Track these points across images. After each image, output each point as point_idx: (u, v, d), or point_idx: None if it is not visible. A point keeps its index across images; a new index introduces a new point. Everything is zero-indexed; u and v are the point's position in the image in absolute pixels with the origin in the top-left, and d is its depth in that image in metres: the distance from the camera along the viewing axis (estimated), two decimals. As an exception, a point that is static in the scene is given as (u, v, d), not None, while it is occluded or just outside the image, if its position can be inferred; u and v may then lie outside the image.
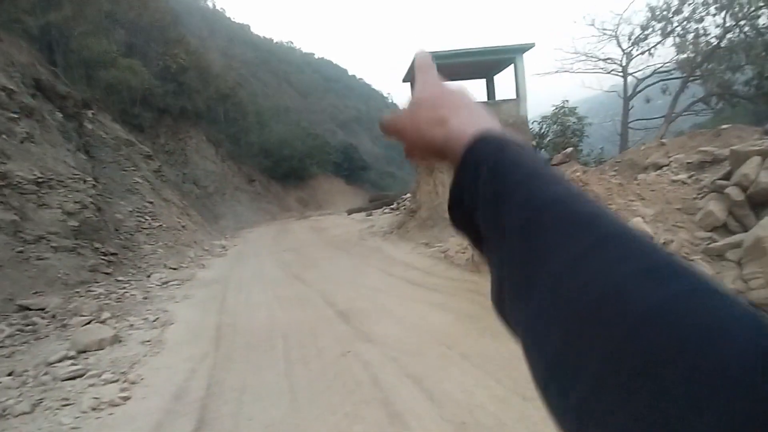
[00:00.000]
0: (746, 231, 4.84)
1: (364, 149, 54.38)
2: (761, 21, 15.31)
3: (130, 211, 11.89)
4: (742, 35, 15.88)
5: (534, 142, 18.59)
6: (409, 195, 17.70)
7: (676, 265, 0.24)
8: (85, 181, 9.49)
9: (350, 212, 22.70)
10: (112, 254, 9.03)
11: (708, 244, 5.12)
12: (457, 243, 8.64)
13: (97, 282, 7.70)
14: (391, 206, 20.29)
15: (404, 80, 18.55)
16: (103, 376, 4.17)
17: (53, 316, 5.89)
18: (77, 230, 8.25)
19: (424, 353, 4.17)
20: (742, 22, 15.60)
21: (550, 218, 0.31)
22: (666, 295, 0.22)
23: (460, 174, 0.40)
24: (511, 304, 0.32)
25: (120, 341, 5.22)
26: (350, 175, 43.27)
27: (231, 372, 4.16)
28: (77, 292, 6.95)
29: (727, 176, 5.84)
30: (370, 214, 20.09)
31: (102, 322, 5.80)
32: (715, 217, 5.38)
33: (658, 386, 0.20)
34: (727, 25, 15.93)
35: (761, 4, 14.85)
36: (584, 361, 0.23)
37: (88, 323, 5.67)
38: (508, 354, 3.93)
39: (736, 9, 15.55)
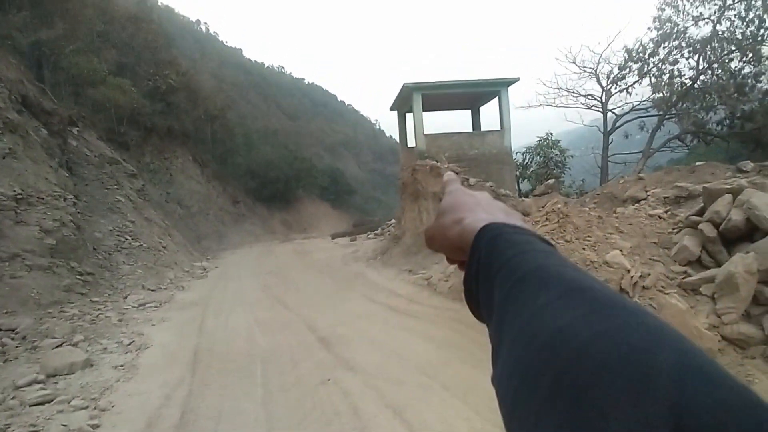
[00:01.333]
0: (719, 266, 5.00)
1: (350, 174, 54.71)
2: (733, 64, 16.14)
3: (110, 230, 11.68)
4: (714, 77, 16.69)
5: (517, 173, 18.99)
6: (393, 221, 17.80)
7: (620, 306, 0.28)
8: (65, 199, 9.34)
9: (334, 236, 22.63)
10: (89, 274, 8.81)
11: (683, 278, 5.26)
12: (440, 271, 8.68)
13: (72, 302, 7.48)
14: (376, 231, 20.33)
15: (391, 108, 18.93)
16: (73, 402, 4.03)
17: (24, 338, 5.69)
18: (54, 248, 8.06)
19: (405, 382, 4.14)
20: (714, 65, 16.42)
21: (528, 283, 0.34)
22: (602, 328, 0.26)
23: (468, 264, 0.44)
24: (493, 365, 0.35)
25: (92, 365, 5.05)
26: (336, 199, 43.29)
27: (207, 399, 4.06)
28: (50, 312, 6.74)
29: (700, 212, 6.05)
30: (354, 239, 20.07)
31: (74, 344, 5.62)
32: (690, 252, 5.53)
33: (590, 401, 0.23)
34: (701, 67, 16.76)
35: (733, 48, 15.71)
36: (534, 397, 0.27)
37: (60, 346, 5.49)
38: (488, 385, 3.91)
39: (709, 53, 16.40)
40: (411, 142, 17.02)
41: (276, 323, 6.74)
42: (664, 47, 17.39)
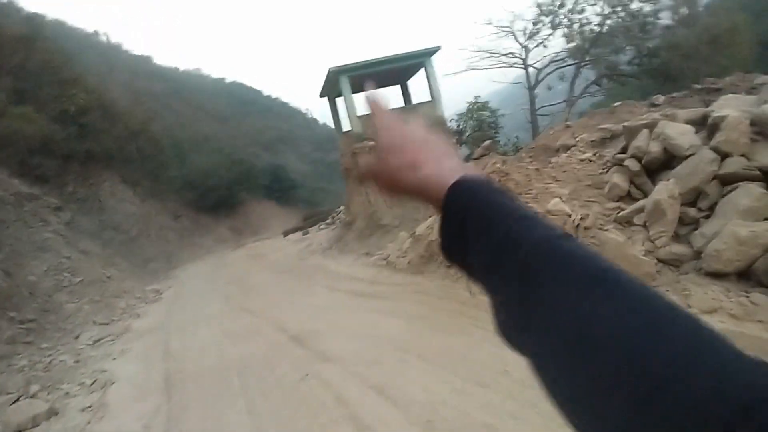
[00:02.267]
0: (646, 197, 5.44)
1: (292, 168, 53.59)
2: (634, 5, 17.23)
3: (45, 271, 10.84)
4: (619, 20, 17.75)
5: (455, 139, 19.43)
6: (342, 208, 17.76)
7: (674, 313, 0.29)
8: (-14, 247, 8.55)
9: (286, 234, 22.30)
10: (31, 321, 8.19)
11: (617, 213, 5.68)
12: (396, 248, 8.83)
13: (19, 354, 6.95)
14: (327, 221, 20.22)
15: (321, 95, 18.65)
16: (44, 456, 3.81)
17: (-28, 401, 5.25)
18: (-15, 302, 7.42)
19: (382, 361, 4.25)
20: (618, 8, 17.44)
21: (543, 262, 0.35)
22: (675, 351, 0.27)
23: (447, 220, 0.45)
24: (520, 335, 0.37)
25: (57, 413, 4.78)
26: (281, 196, 42.38)
27: (189, 421, 3.97)
28: (-4, 369, 6.25)
29: (624, 150, 6.51)
30: (306, 233, 19.87)
31: (32, 396, 5.27)
32: (620, 188, 5.98)
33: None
34: (606, 12, 17.75)
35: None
36: (612, 404, 0.28)
37: (17, 401, 5.12)
38: (460, 347, 4.12)
39: (611, -2, 17.39)
40: (346, 126, 16.92)
41: (244, 331, 6.62)
42: (570, -3, 18.22)
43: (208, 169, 34.21)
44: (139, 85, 51.98)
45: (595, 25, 18.09)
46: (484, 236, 0.40)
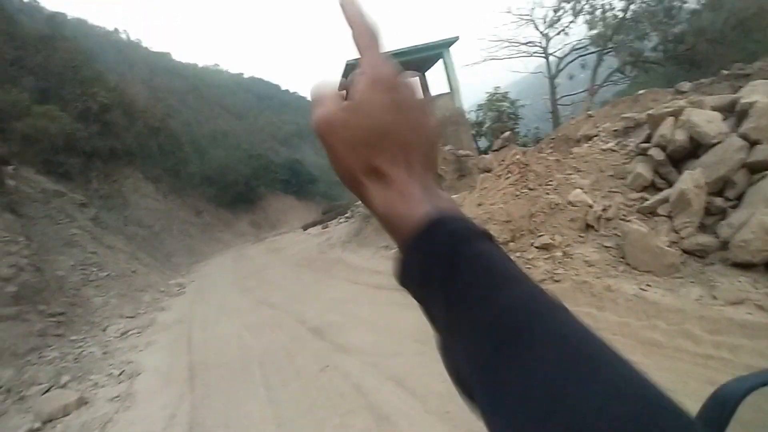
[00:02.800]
0: (671, 187, 5.30)
1: (309, 162, 53.89)
2: (659, -11, 16.71)
3: (73, 266, 11.19)
4: (643, 5, 17.23)
5: (473, 131, 19.24)
6: (361, 201, 17.78)
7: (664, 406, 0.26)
8: (17, 243, 8.86)
9: (306, 228, 22.46)
10: (61, 314, 8.47)
11: (641, 203, 5.55)
12: (415, 240, 8.81)
13: (50, 346, 7.20)
14: (346, 215, 20.29)
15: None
16: (75, 443, 3.96)
17: (8, 390, 5.47)
18: (17, 295, 7.69)
19: (401, 353, 4.26)
20: (641, -7, 16.95)
21: (519, 326, 0.30)
22: None
23: (413, 263, 0.36)
24: (480, 392, 0.31)
25: (86, 403, 4.95)
26: (299, 190, 42.75)
27: (212, 410, 4.06)
28: (29, 360, 6.48)
29: (648, 138, 6.34)
30: (326, 227, 19.98)
31: (63, 386, 5.47)
32: (644, 177, 5.83)
33: None
34: (629, -2, 17.26)
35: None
36: None
37: (48, 390, 5.33)
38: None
39: (635, -19, 16.88)
40: (364, 119, 16.89)
41: (264, 324, 6.73)
42: (593, -18, 17.77)
43: (227, 164, 34.71)
44: (158, 81, 52.94)
45: (619, 10, 17.60)
46: (453, 285, 0.34)
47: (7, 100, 16.71)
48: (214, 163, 34.59)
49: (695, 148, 5.29)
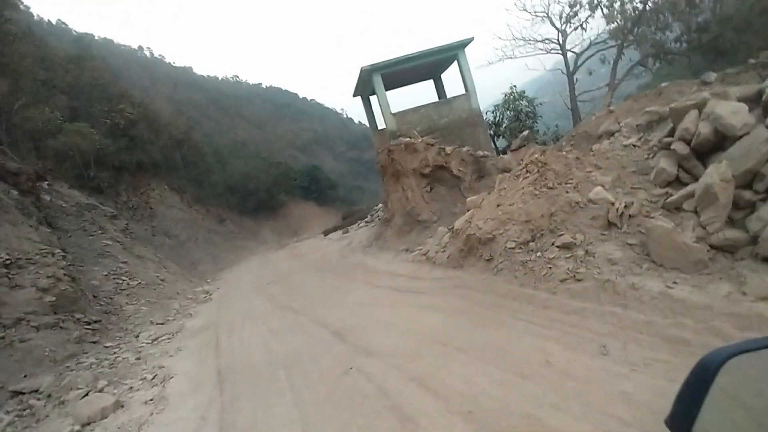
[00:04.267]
0: (697, 181, 5.17)
1: (328, 168, 54.44)
2: (679, -22, 16.23)
3: (106, 275, 11.62)
4: (664, -5, 16.80)
5: (491, 132, 19.10)
6: (380, 205, 17.88)
7: None
8: (53, 254, 9.25)
9: (326, 233, 22.68)
10: (96, 321, 8.81)
11: (666, 199, 5.44)
12: (435, 243, 8.83)
13: (86, 352, 7.50)
14: (366, 219, 20.41)
15: (354, 94, 18.84)
16: (113, 445, 4.12)
17: (49, 396, 5.74)
18: (55, 305, 8.04)
19: (423, 355, 4.29)
20: (663, -18, 16.50)
21: None
22: None
23: None
24: None
25: (122, 406, 5.14)
26: (319, 196, 43.17)
27: (240, 412, 4.18)
28: (68, 366, 6.77)
29: (671, 133, 6.20)
30: (346, 231, 20.14)
31: (100, 390, 5.69)
32: (668, 172, 5.70)
33: None
34: (649, -13, 16.85)
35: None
36: None
37: (86, 395, 5.55)
38: (501, 340, 4.10)
39: (655, -30, 16.45)
40: (381, 124, 17.01)
41: (288, 329, 6.85)
42: (609, -26, 17.41)
43: (248, 173, 35.36)
44: (180, 95, 54.43)
45: (638, 2, 17.18)
46: None
47: (41, 119, 17.50)
48: (235, 172, 35.31)
49: (721, 140, 5.16)
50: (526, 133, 15.39)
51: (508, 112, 19.81)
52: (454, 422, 2.99)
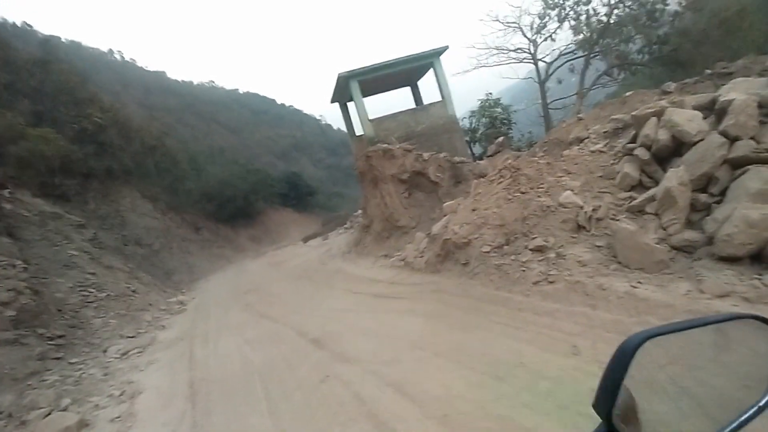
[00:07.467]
0: (657, 185, 5.39)
1: (307, 174, 54.00)
2: (640, -6, 16.95)
3: (71, 287, 11.19)
4: (627, 9, 17.50)
5: (467, 138, 19.40)
6: (359, 211, 17.88)
7: None
8: (14, 266, 8.89)
9: (306, 240, 22.52)
10: (60, 336, 8.47)
11: (629, 202, 5.65)
12: (413, 249, 8.88)
13: (49, 369, 7.19)
14: (345, 225, 20.37)
15: (332, 101, 18.84)
16: (78, 463, 3.97)
17: (9, 415, 5.47)
18: (15, 319, 7.70)
19: (401, 360, 4.31)
20: (624, -2, 17.20)
21: None
22: None
23: None
24: None
25: (87, 425, 4.96)
26: (298, 203, 42.78)
27: (213, 425, 4.10)
28: (29, 384, 6.47)
29: (634, 139, 6.46)
30: (326, 238, 20.05)
31: (63, 409, 5.47)
32: (631, 177, 5.93)
33: None
34: (612, 2, 17.54)
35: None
36: None
37: (49, 414, 5.32)
38: (477, 343, 4.16)
39: (616, -14, 17.15)
40: (359, 131, 17.05)
41: (265, 338, 6.76)
42: (575, -11, 18.04)
43: (225, 180, 34.75)
44: (153, 100, 53.25)
45: (603, 15, 17.87)
46: None
47: (1, 125, 16.81)
48: (211, 179, 34.65)
49: (678, 146, 5.40)
50: (501, 139, 15.66)
51: (484, 119, 20.17)
52: (430, 426, 3.02)
